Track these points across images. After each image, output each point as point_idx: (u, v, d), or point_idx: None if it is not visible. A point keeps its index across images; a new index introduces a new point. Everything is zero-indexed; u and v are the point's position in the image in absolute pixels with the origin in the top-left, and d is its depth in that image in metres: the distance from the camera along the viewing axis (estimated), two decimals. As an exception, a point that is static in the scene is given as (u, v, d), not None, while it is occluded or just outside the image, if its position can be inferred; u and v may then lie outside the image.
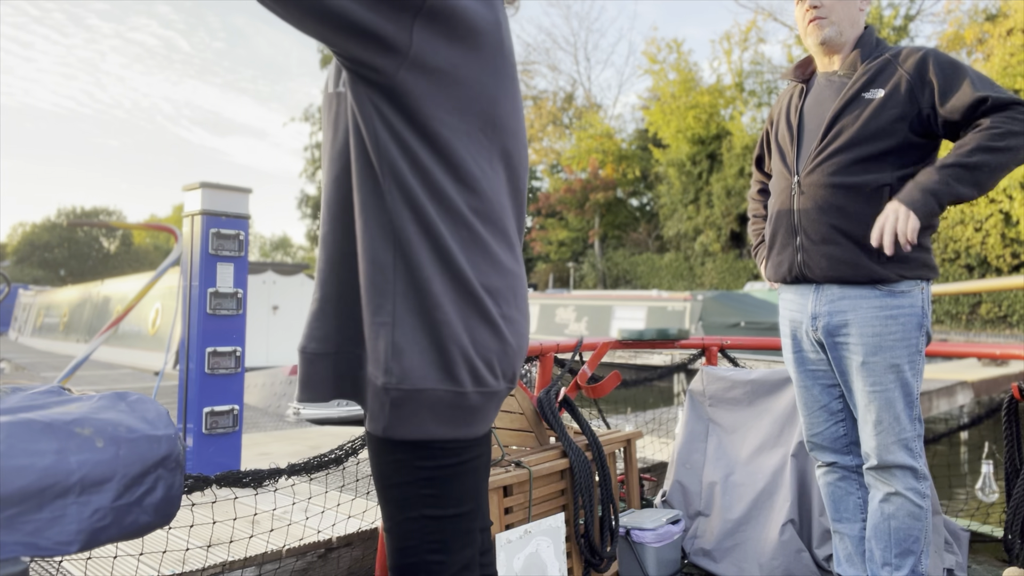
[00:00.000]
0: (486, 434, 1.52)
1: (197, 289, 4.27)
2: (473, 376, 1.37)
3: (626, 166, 38.85)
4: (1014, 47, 24.18)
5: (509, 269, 1.46)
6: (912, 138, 2.36)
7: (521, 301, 1.50)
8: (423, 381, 1.34)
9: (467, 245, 1.38)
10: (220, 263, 4.34)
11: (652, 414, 7.45)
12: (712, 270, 33.22)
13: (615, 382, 3.45)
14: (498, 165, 1.44)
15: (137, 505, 1.54)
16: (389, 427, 1.37)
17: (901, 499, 2.39)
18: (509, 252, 1.47)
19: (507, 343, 1.42)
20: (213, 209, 4.35)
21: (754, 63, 34.21)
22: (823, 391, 2.62)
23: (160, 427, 1.64)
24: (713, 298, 17.90)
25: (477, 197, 1.39)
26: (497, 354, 1.41)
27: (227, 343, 4.37)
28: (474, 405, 1.39)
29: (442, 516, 1.43)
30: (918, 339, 2.39)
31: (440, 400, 1.35)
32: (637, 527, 3.14)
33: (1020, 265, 24.36)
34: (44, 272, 67.08)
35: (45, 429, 1.46)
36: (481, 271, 1.39)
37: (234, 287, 4.39)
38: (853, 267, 2.38)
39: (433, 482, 1.42)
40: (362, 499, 3.78)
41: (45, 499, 1.41)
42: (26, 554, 1.39)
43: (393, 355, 1.35)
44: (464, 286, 1.37)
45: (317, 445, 5.96)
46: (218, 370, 4.31)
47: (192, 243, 4.36)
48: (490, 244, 1.42)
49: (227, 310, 4.35)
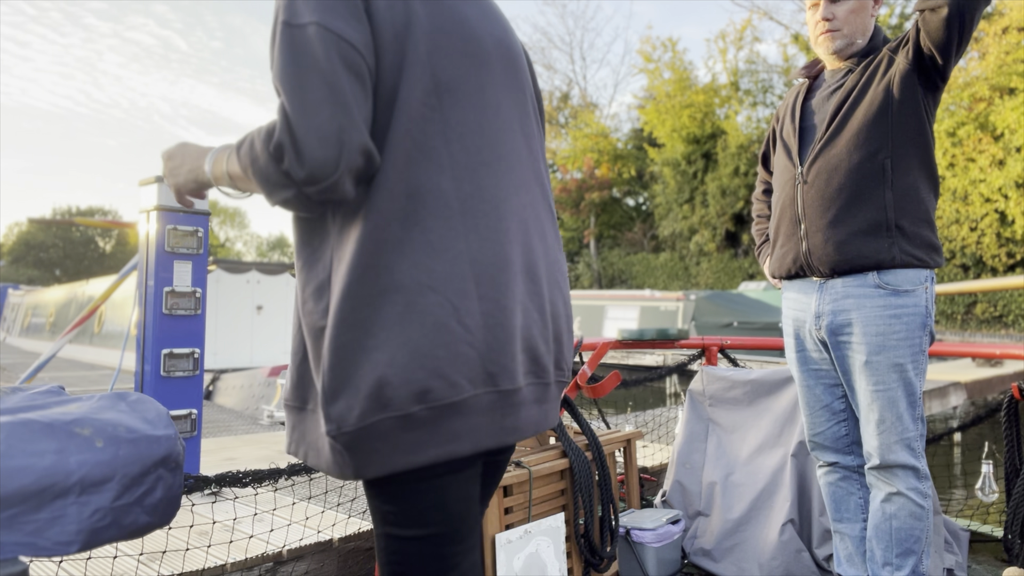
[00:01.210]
0: (465, 457, 1.39)
1: (153, 288, 4.14)
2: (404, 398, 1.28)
3: (622, 165, 38.79)
4: (1009, 45, 24.18)
5: (449, 247, 1.33)
6: (907, 105, 2.39)
7: (489, 280, 1.36)
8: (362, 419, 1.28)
9: (386, 245, 1.30)
10: (177, 261, 4.22)
11: (652, 414, 7.44)
12: (707, 270, 33.19)
13: (615, 382, 3.45)
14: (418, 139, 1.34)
15: (137, 505, 1.54)
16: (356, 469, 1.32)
17: (903, 499, 2.39)
18: (449, 227, 1.34)
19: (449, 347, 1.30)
20: (170, 205, 4.19)
21: (749, 62, 34.17)
22: (826, 391, 2.62)
23: (160, 427, 1.63)
24: (706, 298, 17.89)
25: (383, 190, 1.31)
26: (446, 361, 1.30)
27: (184, 344, 4.25)
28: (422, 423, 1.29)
29: (401, 536, 1.38)
30: (921, 339, 2.39)
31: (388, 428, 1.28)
32: (637, 527, 3.14)
33: (1016, 265, 24.38)
34: (39, 272, 66.93)
35: (45, 429, 1.45)
36: (407, 266, 1.30)
37: (192, 286, 4.26)
38: (859, 249, 2.39)
39: (393, 499, 1.37)
40: (321, 508, 3.63)
41: (45, 499, 1.41)
42: (26, 554, 1.38)
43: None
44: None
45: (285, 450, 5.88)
46: (175, 372, 4.19)
47: (148, 240, 4.21)
48: (414, 231, 1.31)
49: (184, 310, 4.24)
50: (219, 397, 10.71)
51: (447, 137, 1.36)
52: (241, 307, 13.78)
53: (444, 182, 1.34)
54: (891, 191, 2.38)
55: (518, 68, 1.55)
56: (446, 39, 1.39)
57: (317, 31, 1.25)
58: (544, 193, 1.56)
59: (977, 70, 25.20)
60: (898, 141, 2.39)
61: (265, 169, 1.26)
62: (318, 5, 1.27)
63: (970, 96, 25.06)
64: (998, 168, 23.97)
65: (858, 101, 2.44)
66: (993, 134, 24.46)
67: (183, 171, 1.48)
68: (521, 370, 1.40)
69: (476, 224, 1.36)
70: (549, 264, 1.51)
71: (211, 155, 1.42)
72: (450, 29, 1.40)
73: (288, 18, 1.27)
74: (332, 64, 1.25)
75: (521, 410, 1.41)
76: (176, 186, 1.48)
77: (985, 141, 24.35)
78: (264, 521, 3.38)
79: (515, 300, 1.39)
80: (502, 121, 1.47)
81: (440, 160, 1.34)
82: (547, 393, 1.49)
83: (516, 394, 1.39)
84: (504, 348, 1.35)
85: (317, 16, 1.26)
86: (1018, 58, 23.93)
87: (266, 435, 6.82)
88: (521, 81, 1.56)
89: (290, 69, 1.25)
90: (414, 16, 1.35)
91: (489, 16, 1.53)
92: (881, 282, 2.38)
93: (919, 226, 2.39)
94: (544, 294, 1.47)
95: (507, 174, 1.44)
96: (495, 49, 1.49)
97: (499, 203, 1.41)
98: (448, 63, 1.38)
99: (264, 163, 1.26)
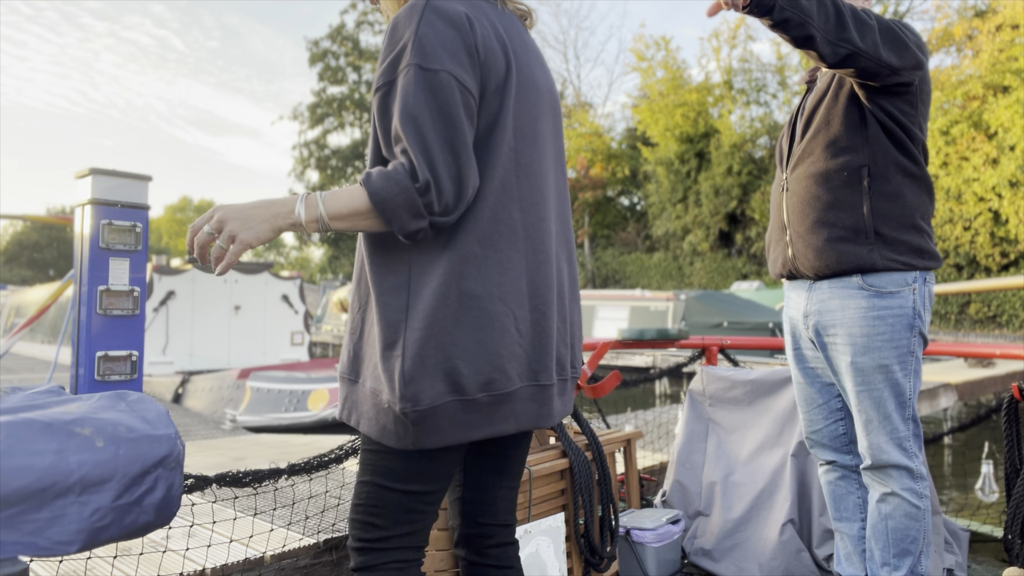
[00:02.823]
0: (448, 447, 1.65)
1: (87, 286, 3.89)
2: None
3: (615, 165, 38.79)
4: (1003, 43, 24.24)
5: (514, 266, 1.62)
6: (877, 112, 2.38)
7: (539, 296, 1.66)
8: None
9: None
10: (113, 258, 3.95)
11: (652, 414, 7.43)
12: (701, 269, 33.23)
13: (615, 382, 3.44)
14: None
15: (137, 505, 1.53)
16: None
17: (898, 499, 2.38)
18: (515, 250, 1.63)
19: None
20: (104, 198, 3.94)
21: (743, 60, 34.16)
22: (822, 389, 2.62)
23: (160, 427, 1.63)
24: (696, 298, 17.88)
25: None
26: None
27: (121, 346, 3.99)
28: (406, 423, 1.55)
29: (390, 488, 1.65)
30: (909, 340, 2.37)
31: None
32: (637, 527, 3.13)
33: (1009, 264, 24.43)
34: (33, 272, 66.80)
35: (45, 429, 1.45)
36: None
37: (130, 284, 4.01)
38: (838, 255, 2.39)
39: (402, 458, 1.62)
40: (269, 524, 3.41)
41: (45, 499, 1.40)
42: (26, 554, 1.37)
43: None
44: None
45: (242, 456, 5.68)
46: (110, 376, 3.94)
47: (82, 236, 3.96)
48: (489, 250, 1.60)
49: (121, 310, 3.98)
50: (188, 400, 10.63)
51: (518, 175, 1.63)
52: (218, 307, 13.52)
53: (515, 212, 1.62)
54: (869, 197, 2.37)
55: (557, 111, 1.82)
56: (524, 91, 1.66)
57: (448, 79, 1.49)
58: (568, 215, 1.84)
59: (970, 68, 25.25)
60: (876, 146, 2.38)
61: (408, 202, 1.46)
62: (448, 55, 1.50)
63: (963, 94, 25.12)
64: (992, 167, 24.03)
65: (831, 106, 2.44)
66: (987, 132, 24.51)
67: (257, 223, 1.52)
68: (554, 369, 1.69)
69: (533, 248, 1.65)
70: (571, 279, 1.81)
71: (300, 203, 1.52)
72: (526, 83, 1.67)
73: (421, 61, 1.49)
74: (459, 112, 1.50)
75: (552, 401, 1.70)
76: (246, 241, 1.50)
77: (979, 140, 24.40)
78: (197, 536, 3.24)
79: (554, 312, 1.68)
80: (548, 159, 1.74)
81: (513, 194, 1.61)
82: (567, 388, 1.78)
83: (550, 388, 1.69)
84: (545, 351, 1.66)
85: (449, 65, 1.49)
86: (1011, 56, 23.97)
87: (225, 441, 6.66)
88: (559, 122, 1.83)
89: (426, 109, 1.47)
90: (509, 72, 1.61)
91: (543, 67, 1.80)
92: (865, 284, 2.37)
93: (903, 231, 2.37)
94: (566, 305, 1.76)
95: (550, 204, 1.73)
96: (547, 97, 1.76)
97: (547, 230, 1.69)
98: (523, 112, 1.65)
99: (408, 196, 1.46)
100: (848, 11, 2.20)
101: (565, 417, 1.82)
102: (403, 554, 1.68)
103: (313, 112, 49.63)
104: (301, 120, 50.35)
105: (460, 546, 1.90)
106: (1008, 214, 23.54)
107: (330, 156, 49.85)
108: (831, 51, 2.20)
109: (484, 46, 1.56)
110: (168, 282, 12.31)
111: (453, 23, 1.53)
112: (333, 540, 3.09)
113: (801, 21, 2.14)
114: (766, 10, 2.11)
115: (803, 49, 2.22)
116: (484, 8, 1.65)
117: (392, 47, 1.54)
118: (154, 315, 12.25)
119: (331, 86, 49.47)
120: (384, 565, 1.66)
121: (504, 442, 1.84)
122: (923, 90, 2.41)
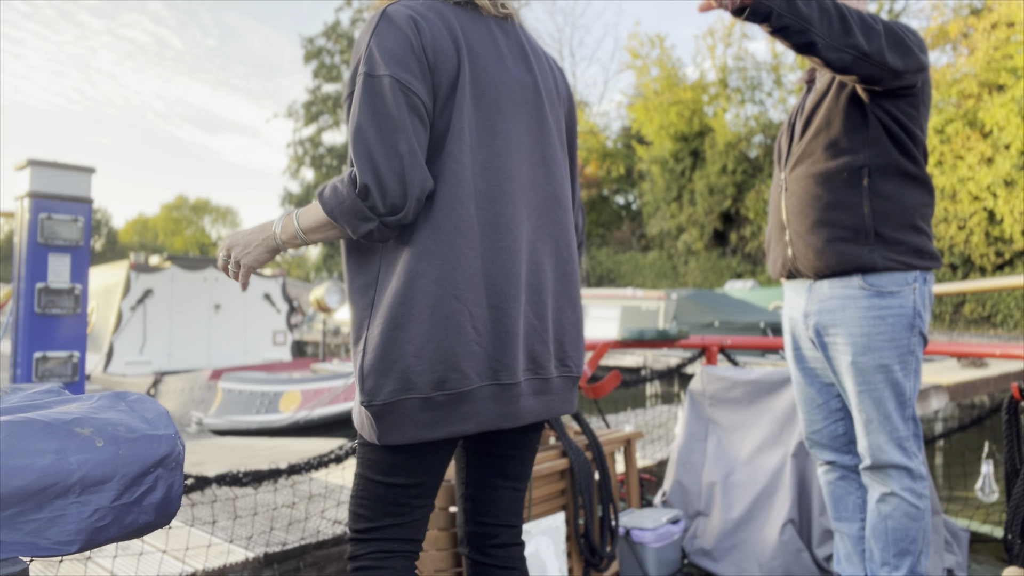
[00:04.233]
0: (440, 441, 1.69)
1: (24, 284, 3.70)
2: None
3: (611, 163, 38.76)
4: (998, 40, 24.24)
5: (470, 264, 1.63)
6: (880, 114, 2.37)
7: (498, 293, 1.65)
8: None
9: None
10: (53, 254, 3.75)
11: (652, 414, 7.42)
12: (695, 269, 33.22)
13: (615, 382, 3.43)
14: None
15: (137, 505, 1.52)
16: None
17: (897, 499, 2.38)
18: (471, 247, 1.63)
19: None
20: (44, 191, 3.72)
21: (738, 59, 34.11)
22: (821, 389, 2.62)
23: (160, 427, 1.62)
24: (687, 297, 17.86)
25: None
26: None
27: (61, 347, 3.80)
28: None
29: (375, 480, 1.70)
30: (909, 340, 2.37)
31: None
32: (637, 527, 3.13)
33: (1004, 264, 24.46)
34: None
35: (45, 429, 1.44)
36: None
37: (71, 282, 3.81)
38: (838, 255, 2.38)
39: (384, 452, 1.67)
40: (208, 536, 3.26)
41: (45, 499, 1.39)
42: (26, 554, 1.36)
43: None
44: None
45: (200, 462, 5.54)
46: (49, 379, 3.77)
47: (20, 231, 3.76)
48: (444, 246, 1.61)
49: (61, 309, 3.78)
50: (159, 401, 10.47)
51: (474, 171, 1.64)
52: (198, 306, 13.08)
53: (471, 209, 1.62)
54: (869, 198, 2.37)
55: (541, 106, 1.79)
56: (484, 87, 1.68)
57: (391, 83, 1.54)
58: (558, 209, 1.81)
59: (966, 66, 25.26)
60: (877, 147, 2.38)
61: (352, 207, 1.54)
62: (393, 60, 1.55)
63: (958, 93, 25.13)
64: (987, 165, 24.03)
65: (832, 106, 2.43)
66: (982, 131, 24.51)
67: (254, 248, 1.70)
68: (521, 367, 1.68)
69: (492, 245, 1.64)
70: (559, 277, 1.79)
71: (278, 224, 1.67)
72: (488, 79, 1.68)
73: (368, 69, 1.56)
74: (403, 112, 1.54)
75: (520, 400, 1.69)
76: (248, 265, 1.70)
77: (974, 138, 24.40)
78: (129, 547, 3.11)
79: (518, 310, 1.67)
80: (521, 156, 1.72)
81: (469, 190, 1.62)
82: (548, 386, 1.76)
83: (515, 388, 1.67)
84: (506, 349, 1.64)
85: (392, 69, 1.55)
86: (1007, 54, 23.96)
87: (187, 444, 6.46)
88: (543, 116, 1.80)
89: (368, 114, 1.54)
90: (462, 69, 1.63)
91: (517, 59, 1.78)
92: (865, 284, 2.37)
93: (903, 232, 2.37)
94: (546, 301, 1.74)
95: (522, 202, 1.71)
96: (520, 92, 1.75)
97: (511, 225, 1.67)
98: (482, 109, 1.67)
99: (351, 203, 1.54)
100: (854, 16, 2.17)
101: (557, 415, 1.83)
102: (386, 545, 1.71)
103: (308, 110, 49.57)
104: (296, 118, 50.28)
105: (464, 544, 1.92)
106: (1003, 213, 23.54)
107: (325, 154, 49.79)
108: (836, 57, 2.17)
109: (433, 47, 1.60)
110: (145, 280, 11.94)
111: (400, 27, 1.58)
112: (275, 554, 2.96)
113: (801, 28, 2.11)
114: (763, 17, 2.09)
115: (806, 55, 2.20)
116: (440, 8, 1.68)
117: (354, 59, 1.63)
118: (131, 314, 11.80)
119: (326, 84, 49.40)
120: (368, 555, 1.71)
121: (500, 441, 1.85)
122: (925, 91, 2.40)
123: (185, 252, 72.33)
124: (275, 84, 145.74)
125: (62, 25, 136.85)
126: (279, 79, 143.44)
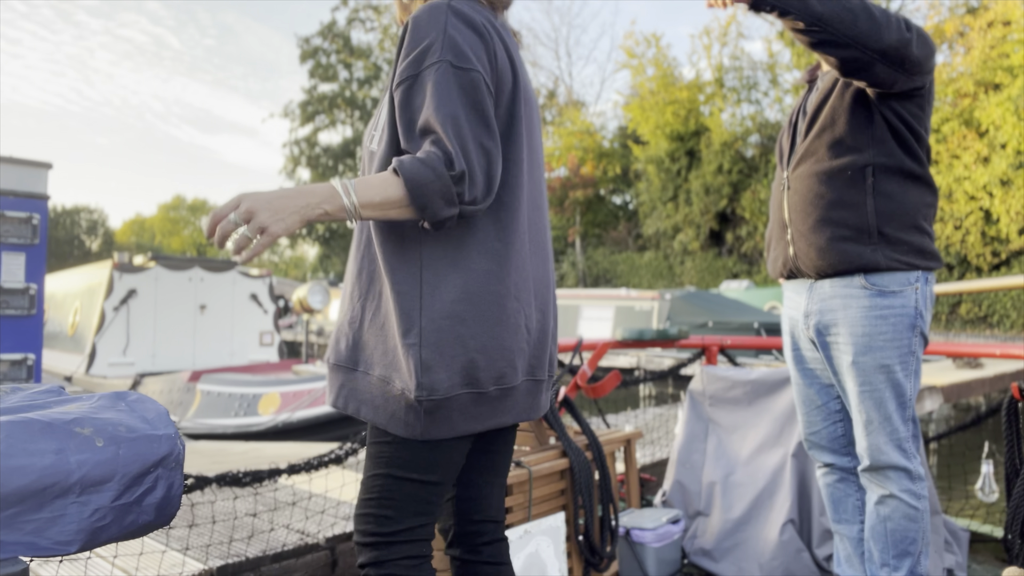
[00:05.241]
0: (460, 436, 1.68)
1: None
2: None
3: (607, 163, 38.70)
4: (994, 39, 24.24)
5: (525, 266, 1.70)
6: (887, 114, 2.37)
7: (541, 296, 1.74)
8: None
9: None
10: (6, 252, 3.65)
11: (652, 414, 7.41)
12: (691, 268, 33.21)
13: (615, 382, 3.43)
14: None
15: (137, 505, 1.52)
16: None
17: (896, 501, 2.38)
18: (525, 250, 1.71)
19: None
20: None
21: (734, 58, 34.07)
22: (820, 390, 2.61)
23: (160, 427, 1.61)
24: (681, 297, 17.82)
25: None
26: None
27: (14, 349, 3.70)
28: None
29: (405, 478, 1.65)
30: (910, 340, 2.36)
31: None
32: (637, 527, 3.12)
33: (1001, 264, 24.47)
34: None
35: (45, 429, 1.43)
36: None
37: (25, 282, 3.71)
38: (841, 254, 2.37)
39: (417, 449, 1.63)
40: (163, 546, 3.16)
41: (45, 499, 1.39)
42: (26, 554, 1.36)
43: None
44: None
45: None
46: (3, 383, 3.65)
47: None
48: (510, 249, 1.67)
49: (15, 309, 3.67)
50: None
51: (525, 180, 1.70)
52: (183, 306, 12.82)
53: (524, 214, 1.69)
54: (873, 197, 2.36)
55: (537, 110, 1.86)
56: (527, 103, 1.74)
57: (480, 79, 1.55)
58: (546, 215, 1.90)
59: (962, 66, 25.28)
60: (882, 146, 2.37)
61: (443, 189, 1.48)
62: (476, 58, 1.57)
63: (954, 92, 25.15)
64: (983, 165, 24.03)
65: (836, 105, 2.42)
66: (978, 130, 24.51)
67: (288, 215, 1.48)
68: (546, 365, 1.78)
69: (536, 249, 1.74)
70: (551, 279, 1.87)
71: (324, 194, 1.50)
72: (529, 96, 1.76)
73: (453, 60, 1.54)
74: (490, 111, 1.57)
75: (540, 396, 1.77)
76: (275, 233, 1.47)
77: (970, 137, 24.40)
78: (76, 557, 3.05)
79: (551, 311, 1.78)
80: (537, 160, 1.80)
81: (524, 197, 1.69)
82: (550, 384, 1.85)
83: (542, 384, 1.76)
84: (544, 347, 1.74)
85: (479, 67, 1.57)
86: (1003, 52, 23.96)
87: None
88: (539, 121, 1.87)
89: (466, 105, 1.53)
90: (516, 82, 1.69)
91: (527, 71, 1.84)
92: (867, 283, 2.36)
93: (906, 232, 2.36)
94: (550, 304, 1.81)
95: (543, 207, 1.81)
96: (534, 101, 1.82)
97: (545, 232, 1.80)
98: (529, 121, 1.74)
99: (444, 184, 1.47)
100: (887, 15, 2.19)
101: (546, 411, 1.94)
102: (415, 548, 1.68)
103: (304, 110, 49.47)
104: (292, 117, 50.19)
105: (454, 546, 1.90)
106: (999, 213, 23.54)
107: (321, 154, 49.73)
108: (888, 74, 2.22)
109: (498, 56, 1.63)
110: (129, 280, 11.72)
111: (476, 30, 1.59)
112: (230, 566, 2.88)
113: (846, 43, 2.17)
114: (783, 9, 2.13)
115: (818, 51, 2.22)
116: (493, 20, 1.71)
117: (416, 43, 1.58)
118: (114, 314, 11.53)
119: (322, 83, 49.33)
120: (396, 561, 1.66)
121: (494, 438, 1.88)
122: (930, 91, 2.40)
123: (183, 252, 72.10)
124: (273, 84, 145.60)
125: (60, 25, 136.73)
126: (277, 79, 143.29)
